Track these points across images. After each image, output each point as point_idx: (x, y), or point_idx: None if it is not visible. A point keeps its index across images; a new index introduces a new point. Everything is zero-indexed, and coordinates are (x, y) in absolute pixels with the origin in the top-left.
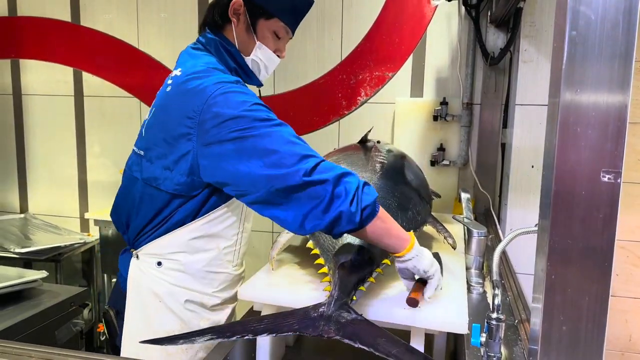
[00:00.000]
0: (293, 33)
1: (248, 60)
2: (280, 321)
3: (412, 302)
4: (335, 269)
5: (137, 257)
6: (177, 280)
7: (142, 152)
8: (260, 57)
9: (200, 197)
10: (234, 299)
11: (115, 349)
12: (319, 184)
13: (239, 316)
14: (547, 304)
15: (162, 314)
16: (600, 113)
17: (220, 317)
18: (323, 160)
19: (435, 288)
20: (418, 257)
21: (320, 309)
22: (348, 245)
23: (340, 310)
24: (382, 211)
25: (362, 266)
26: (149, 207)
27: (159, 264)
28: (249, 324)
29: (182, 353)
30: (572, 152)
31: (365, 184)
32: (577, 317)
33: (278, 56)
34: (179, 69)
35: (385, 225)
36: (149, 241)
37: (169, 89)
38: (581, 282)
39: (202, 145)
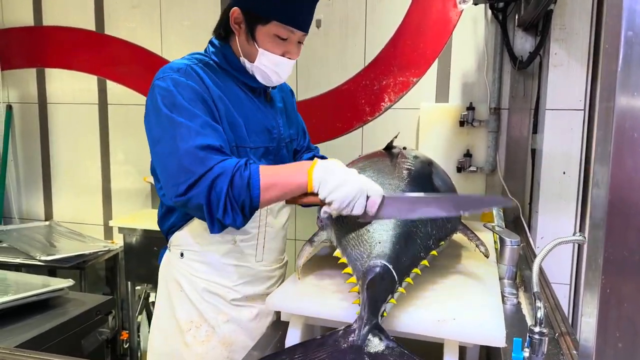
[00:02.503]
0: (302, 29)
1: (254, 67)
2: (310, 356)
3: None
4: (362, 286)
5: (169, 249)
6: (195, 271)
7: None
8: (265, 63)
9: None
10: (261, 297)
11: None
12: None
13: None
14: (602, 319)
15: (182, 303)
16: None
17: (243, 315)
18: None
19: (337, 209)
20: (322, 184)
21: (350, 338)
22: (375, 258)
23: (371, 336)
24: (263, 176)
25: (390, 280)
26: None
27: (182, 255)
28: (279, 357)
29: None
30: (629, 159)
31: (237, 170)
32: (634, 332)
33: (289, 58)
34: None
35: (275, 191)
36: (173, 233)
37: None
38: (638, 296)
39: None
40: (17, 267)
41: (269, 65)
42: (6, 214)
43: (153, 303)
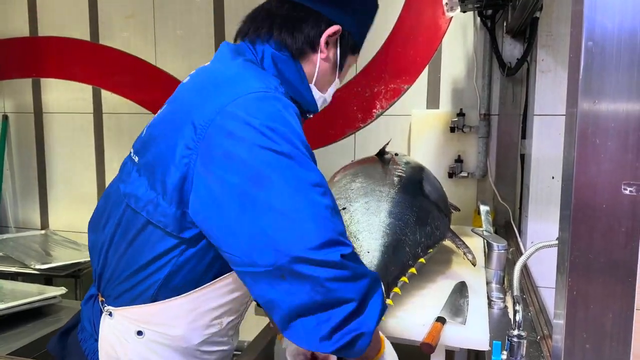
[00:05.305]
0: None
1: (319, 97)
2: None
3: (427, 348)
4: None
5: (110, 314)
6: (159, 357)
7: (136, 158)
8: (331, 94)
9: (210, 251)
10: None
11: None
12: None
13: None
14: (569, 320)
15: None
16: (620, 124)
17: None
18: (352, 250)
19: None
20: None
21: None
22: None
23: None
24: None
25: None
26: (140, 247)
27: (140, 333)
28: None
29: None
30: (592, 164)
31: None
32: (600, 334)
33: None
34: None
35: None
36: (133, 303)
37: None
38: (604, 298)
39: (203, 165)
40: (13, 276)
41: (328, 99)
42: (2, 223)
43: None
